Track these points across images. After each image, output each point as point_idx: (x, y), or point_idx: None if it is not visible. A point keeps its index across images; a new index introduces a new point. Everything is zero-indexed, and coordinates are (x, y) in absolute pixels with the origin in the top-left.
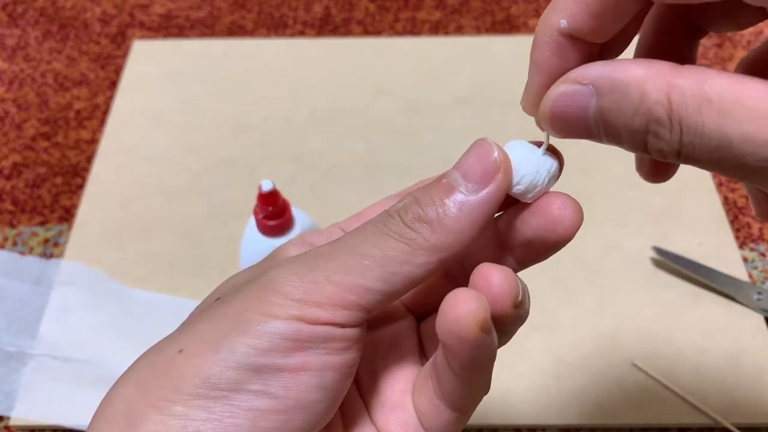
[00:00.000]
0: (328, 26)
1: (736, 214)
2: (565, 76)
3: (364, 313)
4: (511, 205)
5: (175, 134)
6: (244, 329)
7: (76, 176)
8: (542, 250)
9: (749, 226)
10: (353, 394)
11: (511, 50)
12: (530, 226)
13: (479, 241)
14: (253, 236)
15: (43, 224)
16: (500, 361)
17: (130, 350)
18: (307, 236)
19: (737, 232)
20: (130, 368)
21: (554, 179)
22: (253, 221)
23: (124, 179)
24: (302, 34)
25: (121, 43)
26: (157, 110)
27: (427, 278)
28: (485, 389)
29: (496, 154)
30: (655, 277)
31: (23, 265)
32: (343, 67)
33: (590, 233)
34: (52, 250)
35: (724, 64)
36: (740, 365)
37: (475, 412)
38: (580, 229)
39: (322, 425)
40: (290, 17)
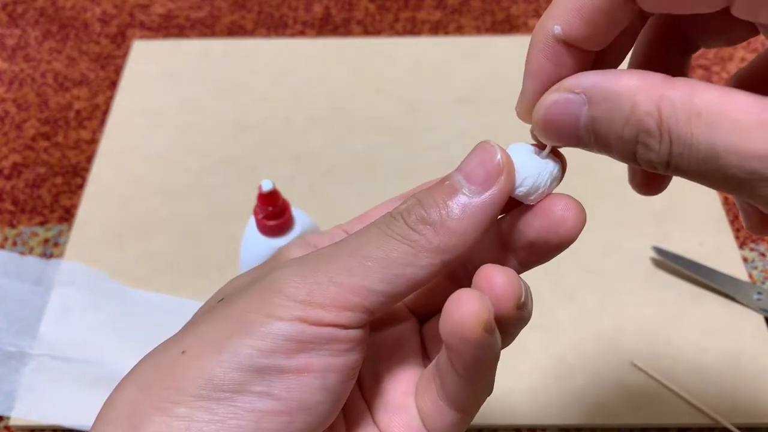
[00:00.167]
0: (328, 26)
1: (736, 214)
2: (558, 84)
3: (367, 314)
4: (514, 207)
5: (175, 134)
6: (247, 330)
7: (76, 176)
8: (545, 251)
9: None
10: (356, 395)
11: (511, 50)
12: (533, 227)
13: (482, 242)
14: (253, 236)
15: (43, 224)
16: (500, 361)
17: (130, 350)
18: (309, 237)
19: (737, 232)
20: (132, 370)
21: (557, 181)
22: (253, 221)
23: (124, 179)
24: (302, 34)
25: (121, 43)
26: (157, 110)
27: (430, 280)
28: (488, 390)
29: (499, 156)
30: (655, 277)
31: (23, 265)
32: (342, 67)
33: (590, 233)
34: (52, 250)
35: (724, 63)
36: (740, 365)
37: None
38: None
39: (324, 427)
40: (290, 17)
